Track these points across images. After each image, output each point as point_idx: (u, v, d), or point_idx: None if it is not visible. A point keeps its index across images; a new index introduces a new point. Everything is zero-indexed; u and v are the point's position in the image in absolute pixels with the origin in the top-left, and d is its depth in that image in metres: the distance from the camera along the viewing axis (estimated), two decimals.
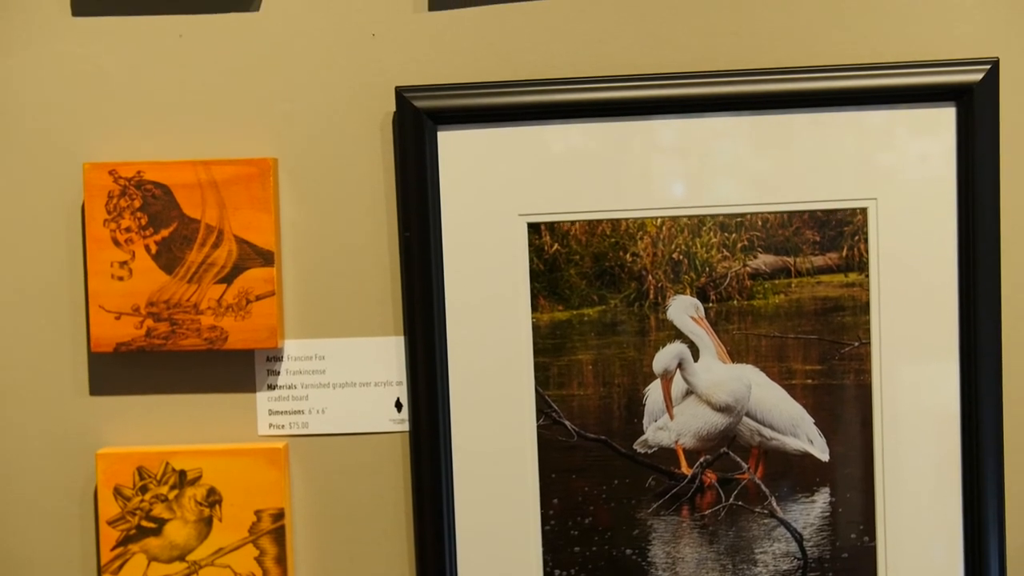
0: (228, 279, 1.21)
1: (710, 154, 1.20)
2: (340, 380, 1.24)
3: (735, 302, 1.21)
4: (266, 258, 1.20)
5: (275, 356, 1.24)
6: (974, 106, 1.17)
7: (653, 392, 1.22)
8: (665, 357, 1.22)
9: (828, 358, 1.21)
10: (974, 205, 1.18)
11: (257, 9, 1.22)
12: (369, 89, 1.21)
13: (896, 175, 1.19)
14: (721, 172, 1.20)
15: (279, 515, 1.22)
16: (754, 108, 1.19)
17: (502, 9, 1.21)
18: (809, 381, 1.22)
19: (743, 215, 1.20)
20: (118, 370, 1.25)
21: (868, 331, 1.21)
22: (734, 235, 1.21)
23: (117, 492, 1.22)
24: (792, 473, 1.22)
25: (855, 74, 1.18)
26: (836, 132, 1.19)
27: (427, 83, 1.20)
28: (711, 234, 1.21)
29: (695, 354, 1.22)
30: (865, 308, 1.21)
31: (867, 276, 1.21)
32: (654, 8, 1.20)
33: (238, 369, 1.24)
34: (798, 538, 1.22)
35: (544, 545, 1.23)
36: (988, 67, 1.17)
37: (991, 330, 1.18)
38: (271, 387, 1.24)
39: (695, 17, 1.20)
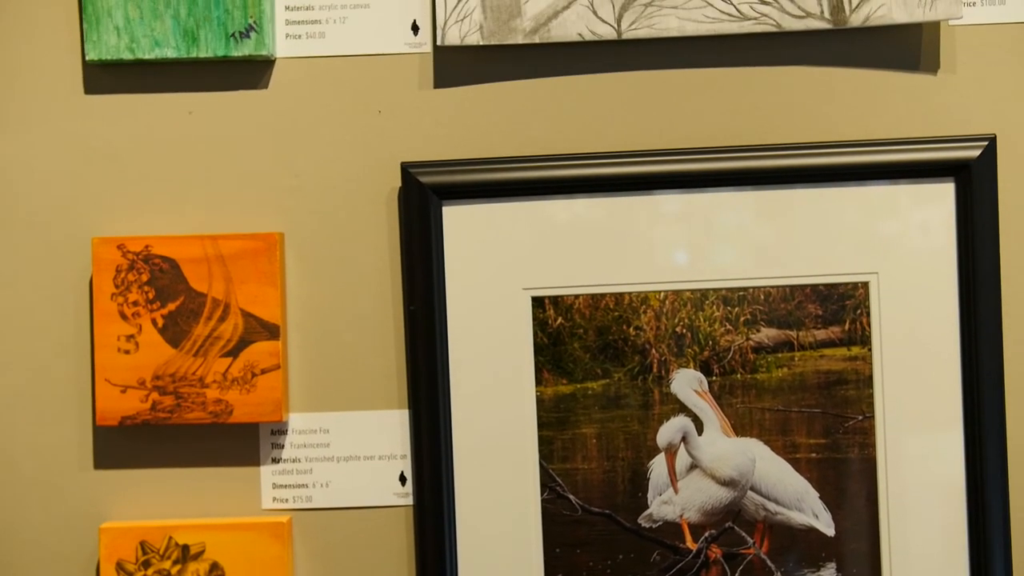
0: (234, 352, 1.21)
1: (712, 228, 1.21)
2: (344, 454, 1.24)
3: (738, 376, 1.22)
4: (272, 332, 1.21)
5: (279, 430, 1.24)
6: (972, 182, 1.19)
7: (657, 466, 1.22)
8: (669, 431, 1.22)
9: (832, 432, 1.21)
10: (975, 279, 1.18)
11: (266, 87, 1.24)
12: (375, 165, 1.23)
13: (897, 249, 1.20)
14: (723, 246, 1.21)
15: None
16: (755, 183, 1.21)
17: (506, 86, 1.23)
18: (814, 455, 1.22)
19: (745, 289, 1.21)
20: (122, 444, 1.25)
21: (872, 405, 1.21)
22: (737, 309, 1.21)
23: (120, 567, 1.22)
24: (798, 548, 1.22)
25: (854, 150, 1.20)
26: (836, 207, 1.21)
27: (432, 159, 1.22)
28: (714, 308, 1.22)
29: (699, 428, 1.22)
30: (868, 382, 1.21)
31: (870, 350, 1.21)
32: (655, 86, 1.22)
33: (242, 443, 1.24)
34: None
35: None
36: (985, 144, 1.19)
37: (995, 402, 1.18)
38: (275, 461, 1.24)
39: (697, 94, 1.22)
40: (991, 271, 1.18)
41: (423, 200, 1.21)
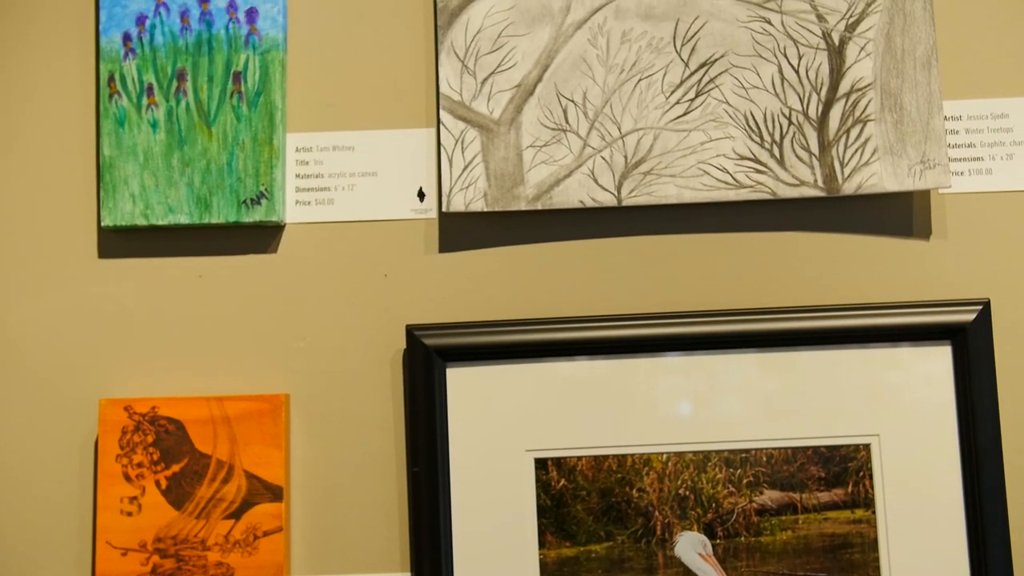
0: (236, 514, 1.21)
1: (713, 390, 1.22)
2: None
3: (742, 538, 1.21)
4: (275, 493, 1.21)
5: None
6: (968, 345, 1.20)
7: None
8: None
9: None
10: (975, 440, 1.19)
11: (275, 251, 1.27)
12: (380, 327, 1.25)
13: (898, 411, 1.21)
14: (725, 408, 1.22)
15: None
16: (756, 346, 1.22)
17: (509, 251, 1.26)
18: None
19: (748, 451, 1.22)
20: None
21: (878, 568, 1.20)
22: (739, 471, 1.22)
23: None
24: None
25: (851, 314, 1.22)
26: (836, 370, 1.22)
27: (437, 322, 1.24)
28: (716, 470, 1.22)
29: None
30: (873, 545, 1.20)
31: (874, 512, 1.21)
32: (655, 250, 1.25)
33: None
34: None
35: None
36: (980, 308, 1.21)
37: (1001, 564, 1.17)
38: None
39: (695, 259, 1.25)
40: (991, 432, 1.19)
41: (427, 362, 1.22)
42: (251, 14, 1.26)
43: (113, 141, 1.26)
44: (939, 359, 1.22)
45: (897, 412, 1.21)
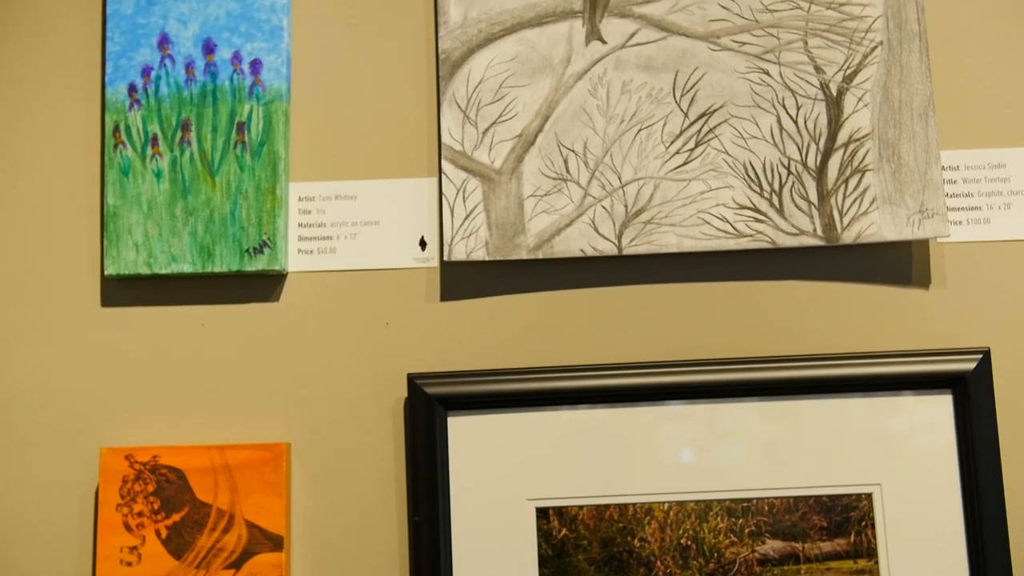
0: (236, 564, 1.20)
1: (714, 439, 1.22)
2: None
3: None
4: (275, 543, 1.21)
5: None
6: (969, 394, 1.20)
7: None
8: None
9: None
10: (977, 488, 1.19)
11: (277, 300, 1.27)
12: (382, 376, 1.25)
13: (899, 460, 1.21)
14: (726, 457, 1.22)
15: None
16: (756, 395, 1.22)
17: (510, 300, 1.26)
18: None
19: (749, 500, 1.21)
20: None
21: None
22: (741, 520, 1.21)
23: None
24: None
25: (851, 363, 1.22)
26: (837, 419, 1.22)
27: (438, 370, 1.24)
28: (718, 519, 1.21)
29: None
30: None
31: (876, 562, 1.20)
32: (655, 299, 1.26)
33: None
34: None
35: None
36: (980, 357, 1.21)
37: None
38: None
39: (695, 307, 1.26)
40: (993, 481, 1.19)
41: (429, 411, 1.22)
42: (255, 65, 1.28)
43: (117, 190, 1.27)
44: (940, 408, 1.22)
45: (899, 461, 1.21)
